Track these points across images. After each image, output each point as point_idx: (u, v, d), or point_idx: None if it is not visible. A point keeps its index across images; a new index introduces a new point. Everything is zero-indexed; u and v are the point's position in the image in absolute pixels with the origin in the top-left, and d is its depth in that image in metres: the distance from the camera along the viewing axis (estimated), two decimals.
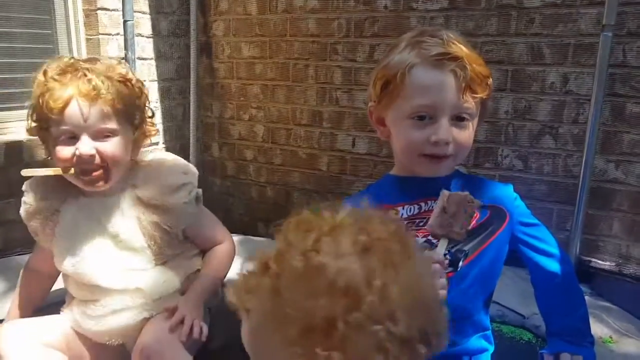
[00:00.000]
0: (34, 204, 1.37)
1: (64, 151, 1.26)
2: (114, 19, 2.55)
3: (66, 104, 1.23)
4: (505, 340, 1.72)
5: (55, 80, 1.25)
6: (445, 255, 1.10)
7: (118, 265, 1.33)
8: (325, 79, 2.67)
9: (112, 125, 1.28)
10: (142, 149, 1.42)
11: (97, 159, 1.27)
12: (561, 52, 2.11)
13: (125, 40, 2.47)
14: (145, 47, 2.78)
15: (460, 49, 1.06)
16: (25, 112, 2.33)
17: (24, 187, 1.41)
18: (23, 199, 1.40)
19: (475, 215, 1.04)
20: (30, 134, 1.35)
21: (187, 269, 1.42)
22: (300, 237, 0.63)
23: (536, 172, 2.23)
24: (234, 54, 2.95)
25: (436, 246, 1.00)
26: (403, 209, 1.13)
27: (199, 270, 1.45)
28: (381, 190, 1.20)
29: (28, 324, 1.36)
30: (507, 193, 1.19)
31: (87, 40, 2.57)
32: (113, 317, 1.33)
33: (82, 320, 1.35)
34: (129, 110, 1.31)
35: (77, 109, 1.24)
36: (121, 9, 2.50)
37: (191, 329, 1.27)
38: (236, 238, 1.64)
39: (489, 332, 1.19)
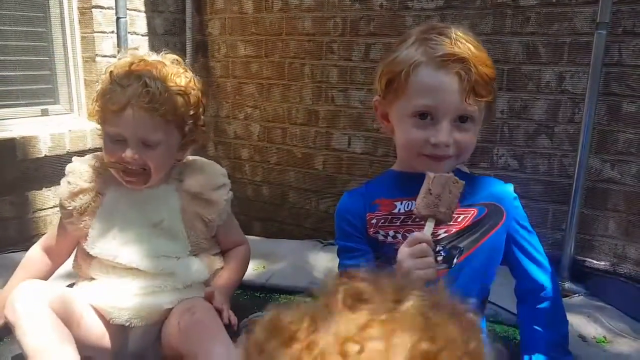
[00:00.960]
0: (80, 185, 1.41)
1: (112, 150, 1.35)
2: (108, 16, 2.55)
3: (121, 109, 1.30)
4: (498, 339, 1.71)
5: (117, 83, 1.32)
6: (439, 251, 1.09)
7: (155, 250, 1.39)
8: (321, 78, 2.66)
9: (159, 136, 1.33)
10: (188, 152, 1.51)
11: (140, 162, 1.34)
12: (556, 51, 2.10)
13: (118, 38, 2.46)
14: (140, 45, 2.77)
15: (468, 48, 1.04)
16: (18, 109, 2.40)
17: (68, 169, 1.45)
18: (66, 179, 1.44)
19: (460, 196, 1.04)
20: (90, 116, 1.43)
21: (211, 266, 1.49)
22: (345, 310, 0.49)
23: (532, 171, 2.22)
24: (229, 52, 2.94)
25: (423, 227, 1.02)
26: (401, 203, 1.13)
27: (219, 269, 1.52)
28: (381, 185, 1.20)
29: (44, 286, 1.36)
30: (506, 192, 1.18)
31: (82, 38, 2.56)
32: (140, 298, 1.36)
33: (105, 296, 1.37)
34: (180, 119, 1.38)
35: (129, 117, 1.31)
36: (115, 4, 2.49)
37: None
38: None
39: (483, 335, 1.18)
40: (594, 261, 2.10)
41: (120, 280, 1.38)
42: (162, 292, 1.38)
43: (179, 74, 1.38)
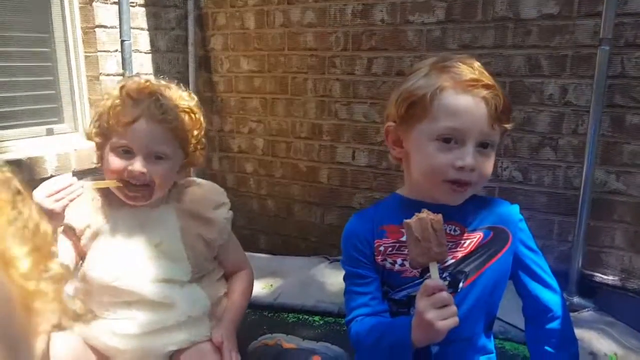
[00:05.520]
0: (78, 227, 1.38)
1: (117, 163, 1.32)
2: (112, 36, 2.56)
3: (134, 120, 1.31)
4: (507, 357, 1.71)
5: (129, 96, 1.33)
6: (445, 277, 1.09)
7: (157, 273, 1.37)
8: (324, 92, 2.67)
9: (167, 150, 1.35)
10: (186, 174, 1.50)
11: (146, 178, 1.33)
12: (559, 63, 2.10)
13: (123, 60, 2.48)
14: (143, 62, 2.78)
15: (489, 78, 1.06)
16: (24, 130, 2.41)
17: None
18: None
19: (443, 228, 1.00)
20: (89, 138, 1.43)
21: (214, 294, 1.47)
22: None
23: (536, 183, 2.22)
24: (232, 68, 2.95)
25: (429, 275, 0.99)
26: None
27: (223, 295, 1.50)
28: (388, 210, 1.18)
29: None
30: (512, 214, 1.17)
31: (86, 57, 2.58)
32: (143, 337, 1.34)
33: (106, 338, 1.35)
34: (185, 138, 1.39)
35: (141, 128, 1.31)
36: (119, 26, 2.51)
37: None
38: None
39: (492, 356, 1.17)
40: (603, 276, 2.09)
41: (122, 313, 1.36)
42: (162, 333, 1.35)
43: (182, 96, 1.42)
